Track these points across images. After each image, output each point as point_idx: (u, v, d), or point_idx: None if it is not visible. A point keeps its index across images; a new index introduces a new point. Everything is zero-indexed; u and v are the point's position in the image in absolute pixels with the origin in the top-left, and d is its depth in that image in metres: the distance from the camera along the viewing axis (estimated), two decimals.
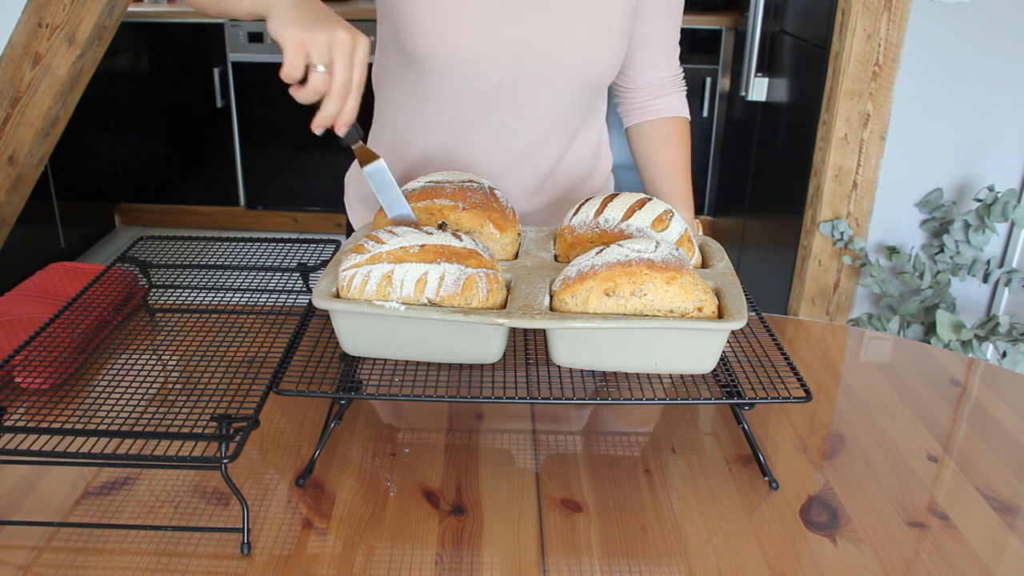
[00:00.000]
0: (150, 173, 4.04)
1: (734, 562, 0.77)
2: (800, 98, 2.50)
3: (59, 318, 1.01)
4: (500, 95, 1.13)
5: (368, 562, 0.76)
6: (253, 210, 4.04)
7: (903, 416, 1.01)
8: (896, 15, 2.07)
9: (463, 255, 0.85)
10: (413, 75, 1.14)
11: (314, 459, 0.88)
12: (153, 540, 0.78)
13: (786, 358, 0.93)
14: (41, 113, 2.39)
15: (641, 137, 1.28)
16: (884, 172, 2.22)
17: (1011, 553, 0.79)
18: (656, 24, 1.21)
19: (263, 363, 0.92)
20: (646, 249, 0.85)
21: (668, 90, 1.27)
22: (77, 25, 2.31)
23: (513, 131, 1.17)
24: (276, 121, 3.86)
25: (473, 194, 0.99)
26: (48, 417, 0.86)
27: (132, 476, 0.87)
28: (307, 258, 1.16)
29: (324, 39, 0.86)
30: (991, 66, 2.09)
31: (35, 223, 3.25)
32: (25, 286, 1.16)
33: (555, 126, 1.18)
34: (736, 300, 0.87)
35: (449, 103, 1.15)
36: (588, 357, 0.87)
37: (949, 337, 2.02)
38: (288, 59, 0.86)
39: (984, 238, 2.11)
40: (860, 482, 0.89)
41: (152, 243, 1.21)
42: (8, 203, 2.52)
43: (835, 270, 2.34)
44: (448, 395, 0.86)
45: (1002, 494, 0.88)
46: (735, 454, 0.93)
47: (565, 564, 0.77)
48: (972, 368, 1.14)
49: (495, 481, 0.87)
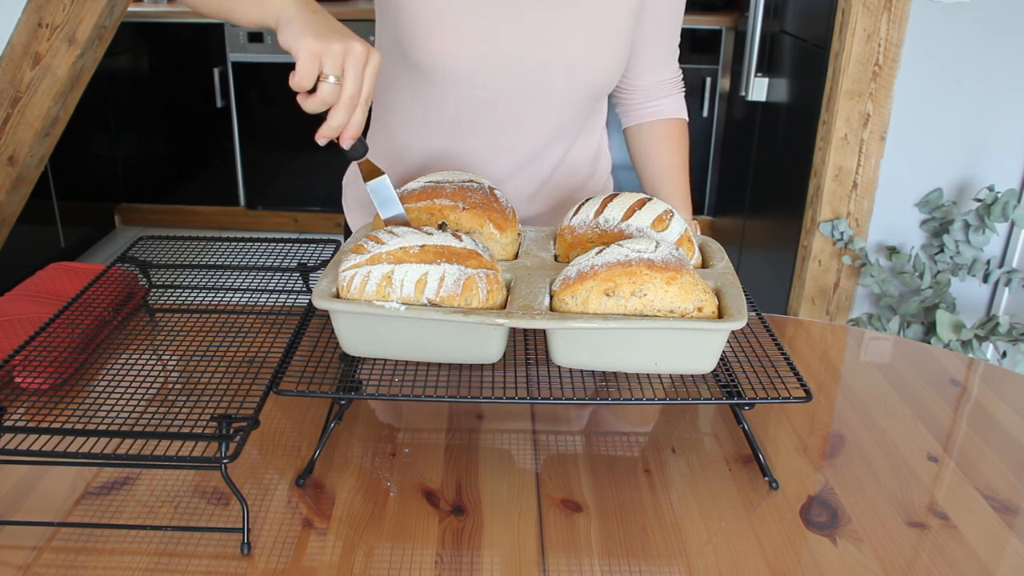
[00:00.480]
0: (150, 173, 4.04)
1: (734, 562, 0.77)
2: (800, 98, 2.50)
3: (59, 318, 1.01)
4: (501, 103, 1.13)
5: (368, 562, 0.76)
6: (253, 210, 4.04)
7: (903, 416, 1.01)
8: (896, 15, 2.07)
9: (463, 255, 0.85)
10: (414, 81, 1.14)
11: (314, 459, 0.88)
12: (153, 540, 0.78)
13: (786, 358, 0.93)
14: (41, 113, 2.39)
15: (640, 138, 1.28)
16: (884, 172, 2.22)
17: (1011, 553, 0.79)
18: (657, 27, 1.20)
19: (263, 363, 0.92)
20: (646, 249, 0.85)
21: (667, 92, 1.27)
22: (77, 25, 2.31)
23: (514, 138, 1.17)
24: (276, 121, 3.86)
25: (473, 194, 0.99)
26: (48, 417, 0.86)
27: (132, 476, 0.87)
28: (307, 258, 1.16)
29: (339, 50, 0.85)
30: (991, 66, 2.09)
31: (35, 223, 3.25)
32: (25, 286, 1.16)
33: (556, 132, 1.18)
34: (736, 300, 0.87)
35: (450, 109, 1.14)
36: (588, 357, 0.87)
37: (949, 337, 2.02)
38: (301, 68, 0.85)
39: (984, 238, 2.11)
40: (860, 482, 0.89)
41: (152, 243, 1.21)
42: (8, 203, 2.52)
43: (835, 270, 2.34)
44: (448, 395, 0.86)
45: (1002, 494, 0.88)
46: (735, 454, 0.93)
47: (565, 564, 0.77)
48: (972, 368, 1.14)
49: (495, 481, 0.87)
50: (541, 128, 1.17)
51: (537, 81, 1.12)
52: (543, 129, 1.17)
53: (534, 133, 1.17)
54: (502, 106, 1.13)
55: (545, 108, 1.15)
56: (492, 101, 1.13)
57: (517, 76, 1.11)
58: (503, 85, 1.11)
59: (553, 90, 1.13)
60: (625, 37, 1.15)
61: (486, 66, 1.10)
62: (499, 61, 1.09)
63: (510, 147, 1.17)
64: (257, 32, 3.66)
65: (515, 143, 1.17)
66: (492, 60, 1.09)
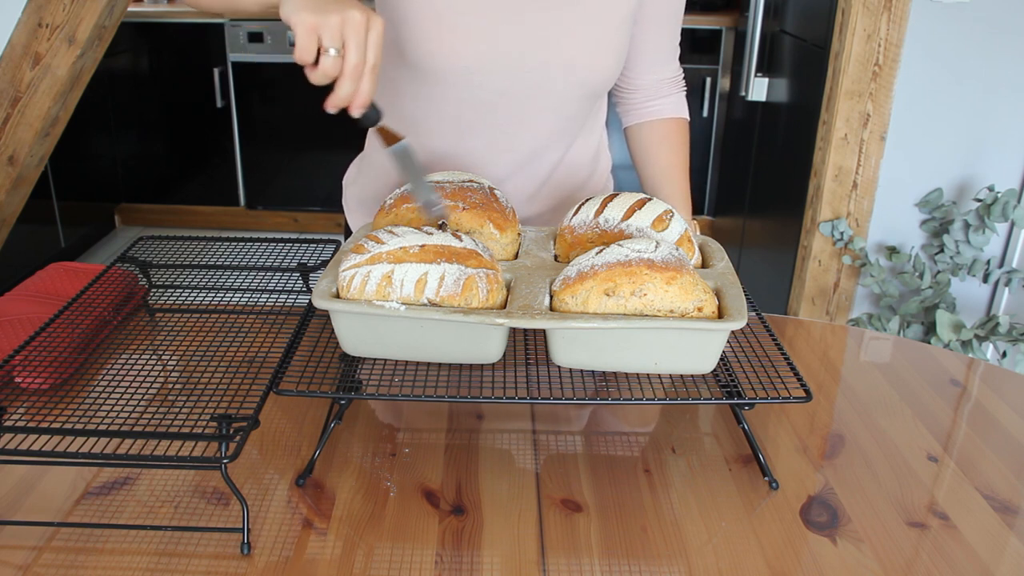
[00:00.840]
0: (150, 173, 4.04)
1: (734, 562, 0.77)
2: (800, 98, 2.50)
3: (59, 318, 1.01)
4: (501, 103, 1.13)
5: (368, 562, 0.76)
6: (253, 210, 4.04)
7: (903, 416, 1.01)
8: (896, 15, 2.07)
9: (463, 255, 0.85)
10: (413, 81, 1.14)
11: (314, 459, 0.88)
12: (153, 540, 0.78)
13: (786, 358, 0.93)
14: (41, 113, 2.39)
15: (640, 138, 1.28)
16: (884, 172, 2.22)
17: (1011, 553, 0.79)
18: (657, 26, 1.20)
19: (263, 363, 0.92)
20: (646, 249, 0.85)
21: (668, 91, 1.27)
22: (77, 25, 2.31)
23: (514, 138, 1.17)
24: (276, 121, 3.86)
25: (473, 194, 0.99)
26: (48, 417, 0.86)
27: (132, 476, 0.87)
28: (307, 258, 1.16)
29: (336, 22, 0.83)
30: (991, 66, 2.09)
31: (35, 223, 3.25)
32: (25, 286, 1.16)
33: (556, 132, 1.18)
34: (736, 300, 0.87)
35: (450, 110, 1.14)
36: (588, 357, 0.87)
37: (949, 337, 2.02)
38: (299, 42, 0.84)
39: (984, 238, 2.11)
40: (860, 482, 0.89)
41: (152, 243, 1.21)
42: (8, 203, 2.52)
43: (835, 270, 2.34)
44: (448, 395, 0.86)
45: (1002, 494, 0.88)
46: (735, 454, 0.93)
47: (565, 564, 0.77)
48: (972, 368, 1.14)
49: (495, 481, 0.87)
50: (541, 128, 1.17)
51: (537, 81, 1.12)
52: (543, 129, 1.17)
53: (534, 133, 1.17)
54: (502, 106, 1.13)
55: (545, 108, 1.15)
56: (492, 101, 1.13)
57: (517, 76, 1.11)
58: (503, 85, 1.11)
59: (553, 90, 1.13)
60: (624, 35, 1.15)
61: (485, 66, 1.10)
62: (499, 61, 1.09)
63: (510, 147, 1.17)
64: (257, 32, 3.66)
65: (515, 143, 1.17)
66: (492, 60, 1.09)
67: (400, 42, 1.10)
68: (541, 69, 1.11)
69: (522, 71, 1.11)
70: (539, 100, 1.14)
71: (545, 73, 1.11)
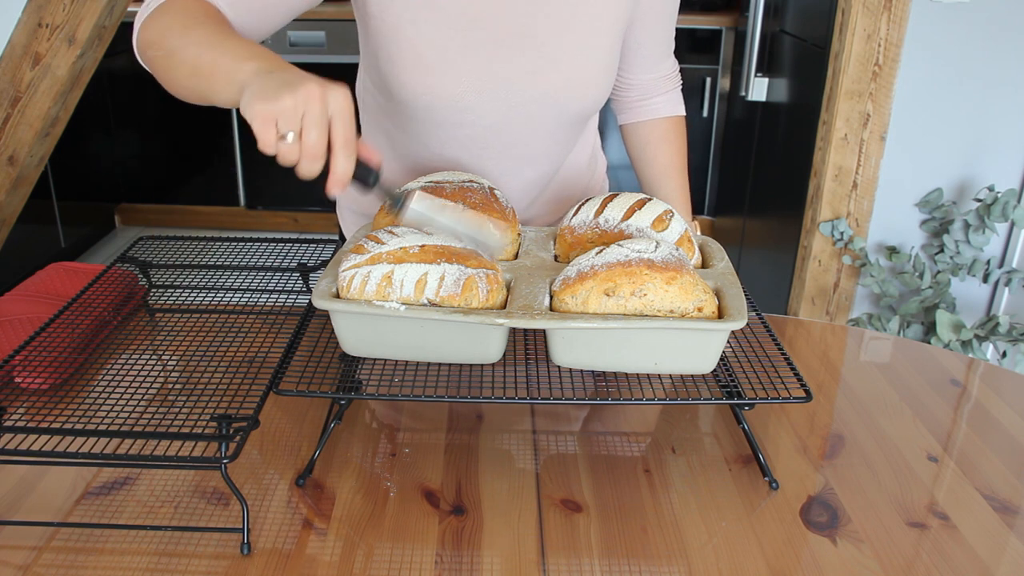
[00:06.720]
0: (150, 173, 4.03)
1: (734, 562, 0.77)
2: (800, 98, 2.50)
3: (59, 318, 1.01)
4: (489, 137, 1.11)
5: (368, 562, 0.76)
6: (253, 210, 4.04)
7: (903, 416, 1.01)
8: (896, 15, 2.07)
9: (463, 255, 0.85)
10: (402, 116, 1.11)
11: (314, 459, 0.88)
12: (153, 540, 0.78)
13: (786, 358, 0.93)
14: (41, 113, 2.39)
15: (638, 137, 1.28)
16: (884, 172, 2.22)
17: (1011, 553, 0.79)
18: (651, 26, 1.19)
19: (263, 363, 0.92)
20: (646, 249, 0.85)
21: (663, 88, 1.26)
22: (77, 25, 2.31)
23: (506, 165, 1.15)
24: None
25: (473, 194, 0.99)
26: (48, 417, 0.86)
27: (132, 476, 0.87)
28: (307, 258, 1.16)
29: (290, 106, 0.76)
30: (991, 66, 2.09)
31: (35, 223, 3.25)
32: (25, 286, 1.16)
33: (548, 155, 1.17)
34: (736, 300, 0.87)
35: (440, 143, 1.12)
36: (588, 357, 0.87)
37: (949, 337, 2.02)
38: (258, 136, 0.77)
39: (984, 238, 2.11)
40: (860, 482, 0.89)
41: (152, 243, 1.21)
42: (8, 203, 2.52)
43: (835, 270, 2.34)
44: (448, 395, 0.86)
45: (1002, 494, 0.88)
46: (735, 454, 0.93)
47: (565, 564, 0.77)
48: (972, 368, 1.14)
49: (495, 481, 0.87)
50: (533, 152, 1.15)
51: (527, 114, 1.10)
52: (535, 153, 1.15)
53: (526, 158, 1.15)
54: (491, 140, 1.12)
55: (536, 136, 1.13)
56: (482, 136, 1.11)
57: (505, 111, 1.09)
58: (491, 120, 1.10)
59: (543, 121, 1.12)
60: (614, 56, 1.13)
61: (473, 103, 1.07)
62: (486, 96, 1.07)
63: (504, 172, 1.16)
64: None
65: (508, 168, 1.16)
66: (479, 96, 1.07)
67: (387, 80, 1.08)
68: (530, 103, 1.09)
69: (510, 106, 1.09)
70: (529, 130, 1.12)
71: (534, 106, 1.09)
